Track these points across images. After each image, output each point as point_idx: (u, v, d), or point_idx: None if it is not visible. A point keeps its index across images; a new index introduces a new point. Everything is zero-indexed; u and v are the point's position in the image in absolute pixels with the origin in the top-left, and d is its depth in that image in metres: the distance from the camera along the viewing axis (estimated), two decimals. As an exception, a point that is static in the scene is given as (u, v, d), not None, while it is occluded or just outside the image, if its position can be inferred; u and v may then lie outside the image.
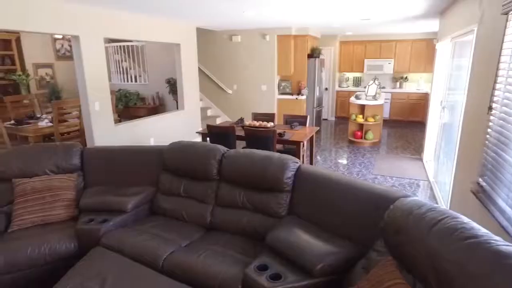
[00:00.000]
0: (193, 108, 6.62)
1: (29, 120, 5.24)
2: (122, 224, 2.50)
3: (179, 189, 2.71)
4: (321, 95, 8.02)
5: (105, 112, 4.62)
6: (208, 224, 2.51)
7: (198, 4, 4.06)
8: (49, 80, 7.35)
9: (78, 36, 4.13)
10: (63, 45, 7.63)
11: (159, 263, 2.07)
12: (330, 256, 1.70)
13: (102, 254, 2.14)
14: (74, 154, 2.93)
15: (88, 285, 1.83)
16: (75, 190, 2.79)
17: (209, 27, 6.74)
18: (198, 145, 2.74)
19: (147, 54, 7.52)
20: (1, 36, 6.30)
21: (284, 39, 6.91)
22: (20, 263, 2.20)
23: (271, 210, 2.29)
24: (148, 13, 4.80)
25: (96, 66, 4.40)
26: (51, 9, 3.74)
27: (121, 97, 7.30)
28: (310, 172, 2.28)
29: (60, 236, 2.36)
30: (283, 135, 4.02)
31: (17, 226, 2.48)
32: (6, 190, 2.66)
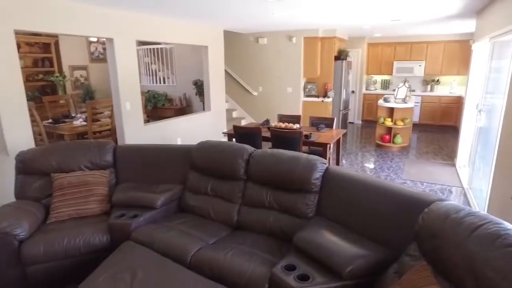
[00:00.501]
0: (219, 109, 6.71)
1: (65, 119, 5.51)
2: (152, 220, 2.57)
3: (206, 188, 2.75)
4: (348, 98, 7.88)
5: (135, 112, 4.77)
6: (234, 223, 2.53)
7: (228, 7, 4.13)
8: (83, 82, 7.71)
9: (112, 38, 4.30)
10: (97, 48, 7.97)
11: (187, 259, 2.10)
12: (359, 258, 1.66)
13: (133, 248, 2.21)
14: (107, 151, 3.04)
15: (120, 277, 1.89)
16: (107, 186, 2.90)
17: (236, 29, 6.82)
18: (225, 145, 2.78)
19: (175, 56, 7.71)
20: (42, 40, 6.67)
21: (311, 41, 6.86)
22: (57, 253, 2.31)
23: (298, 210, 2.27)
24: (178, 16, 4.92)
25: (128, 67, 4.56)
26: (89, 13, 3.92)
27: (150, 98, 7.52)
28: (339, 173, 2.24)
29: (93, 230, 2.46)
30: (309, 137, 3.99)
31: (54, 218, 2.61)
32: (46, 184, 2.80)
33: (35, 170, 2.83)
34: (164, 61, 7.89)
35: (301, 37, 6.87)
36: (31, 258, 2.26)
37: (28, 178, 2.82)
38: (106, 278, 1.88)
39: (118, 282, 1.84)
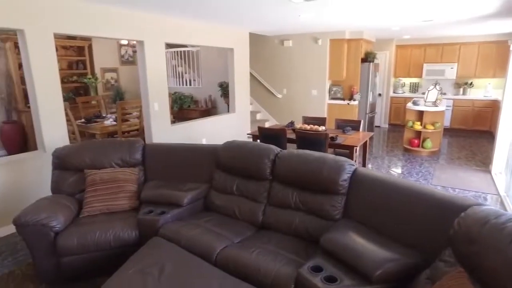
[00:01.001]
0: (244, 111, 6.75)
1: (96, 119, 5.74)
2: (178, 217, 2.62)
3: (232, 187, 2.77)
4: (374, 101, 7.71)
5: (163, 112, 4.89)
6: (259, 223, 2.53)
7: (255, 10, 4.16)
8: (114, 83, 8.00)
9: (143, 41, 4.45)
10: (127, 51, 8.26)
11: (213, 256, 2.13)
12: (389, 262, 1.61)
13: (161, 243, 2.26)
14: (136, 150, 3.14)
15: (148, 271, 1.93)
16: (136, 183, 2.99)
17: (261, 32, 6.86)
18: (251, 145, 2.79)
19: (201, 58, 7.85)
20: (77, 43, 7.00)
21: (337, 43, 6.78)
22: (89, 245, 2.40)
23: (325, 212, 2.24)
24: (205, 19, 5.01)
25: (157, 69, 4.69)
26: (122, 17, 4.08)
27: (176, 100, 7.69)
28: (368, 175, 2.19)
29: (123, 225, 2.54)
30: (335, 139, 3.93)
31: (87, 212, 2.71)
32: (79, 180, 2.92)
33: (70, 166, 2.96)
34: (191, 63, 8.05)
35: (327, 39, 6.81)
36: (65, 250, 2.36)
37: (64, 174, 2.95)
38: (135, 272, 1.93)
39: (146, 276, 1.88)
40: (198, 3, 3.80)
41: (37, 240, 2.34)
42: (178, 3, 3.83)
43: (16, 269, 2.66)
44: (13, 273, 2.61)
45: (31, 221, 2.30)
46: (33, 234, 2.33)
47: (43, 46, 3.36)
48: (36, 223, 2.31)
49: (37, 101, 3.39)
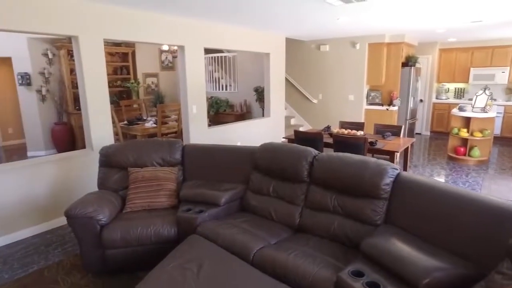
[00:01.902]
0: (278, 116, 6.75)
1: (138, 121, 6.02)
2: (215, 216, 2.66)
3: (268, 189, 2.77)
4: (415, 107, 7.39)
5: (200, 115, 5.02)
6: (296, 225, 2.50)
7: (294, 14, 4.17)
8: (154, 88, 8.35)
9: (183, 46, 4.61)
10: (167, 57, 8.61)
11: (250, 256, 2.13)
12: (438, 271, 1.52)
13: (199, 241, 2.30)
14: (176, 150, 3.24)
15: (187, 266, 1.97)
16: (176, 182, 3.08)
17: (297, 37, 6.85)
18: (289, 147, 2.77)
19: (237, 63, 7.98)
20: (122, 50, 7.41)
21: (376, 47, 6.60)
22: (132, 239, 2.50)
23: (365, 216, 2.17)
24: (243, 24, 5.10)
25: (196, 72, 4.83)
26: (164, 23, 4.26)
27: (212, 104, 7.86)
28: (413, 180, 2.09)
29: (163, 221, 2.62)
30: (374, 144, 3.80)
31: (130, 208, 2.83)
32: (123, 177, 3.06)
33: (114, 164, 3.11)
34: (227, 69, 8.22)
35: (366, 43, 6.65)
36: (110, 242, 2.48)
37: (109, 171, 3.11)
38: (175, 267, 1.98)
39: (185, 271, 1.92)
40: (238, 9, 3.88)
41: (84, 232, 2.48)
42: (218, 10, 3.94)
43: (65, 259, 2.83)
44: (62, 262, 2.78)
45: (80, 213, 2.44)
46: (81, 226, 2.47)
47: (94, 51, 3.60)
48: (84, 215, 2.45)
49: (87, 103, 3.62)
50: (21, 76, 6.22)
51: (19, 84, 6.26)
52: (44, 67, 6.39)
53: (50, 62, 6.46)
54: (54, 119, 6.63)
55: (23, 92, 6.31)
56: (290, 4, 3.69)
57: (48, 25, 3.19)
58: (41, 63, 6.35)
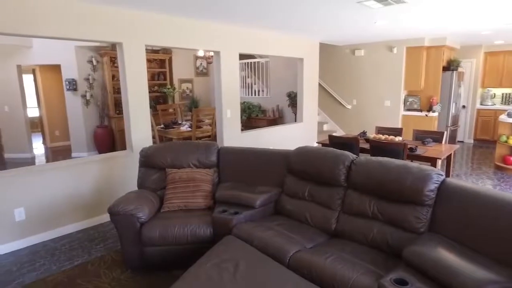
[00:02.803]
0: (311, 121, 6.69)
1: (174, 125, 6.21)
2: (250, 219, 2.66)
3: (303, 193, 2.74)
4: (457, 113, 7.02)
5: (234, 119, 5.09)
6: (332, 230, 2.45)
7: (330, 18, 4.14)
8: (189, 93, 8.60)
9: (219, 51, 4.72)
10: (202, 64, 8.85)
11: (285, 259, 2.11)
12: (493, 284, 1.42)
13: (235, 242, 2.31)
14: (212, 152, 3.30)
15: (224, 266, 1.99)
16: (211, 184, 3.13)
17: (331, 42, 6.78)
18: (325, 151, 2.73)
19: (270, 69, 8.03)
20: (159, 57, 7.72)
21: (415, 51, 6.37)
22: (169, 238, 2.57)
23: (407, 224, 2.08)
24: (278, 29, 5.14)
25: (230, 77, 4.92)
26: (201, 29, 4.39)
27: (245, 109, 7.94)
28: (460, 186, 1.98)
29: (199, 222, 2.67)
30: (414, 150, 3.65)
31: (167, 207, 2.92)
32: (161, 177, 3.17)
33: (153, 165, 3.23)
34: (259, 74, 8.29)
35: (403, 46, 6.45)
36: (148, 240, 2.56)
37: (148, 171, 3.23)
38: (212, 265, 2.00)
39: (222, 270, 1.94)
40: (273, 15, 3.92)
41: (125, 228, 2.58)
42: (253, 16, 4.00)
43: (106, 254, 2.96)
44: (104, 257, 2.91)
45: (122, 210, 2.55)
46: (122, 223, 2.57)
47: (136, 56, 3.78)
48: (126, 213, 2.55)
49: (129, 106, 3.79)
50: (68, 82, 6.66)
51: (66, 89, 6.70)
52: (89, 74, 6.79)
53: (94, 68, 6.86)
54: (96, 123, 7.01)
55: (69, 97, 6.75)
56: (326, 8, 3.67)
57: (96, 33, 3.40)
58: (86, 69, 6.76)
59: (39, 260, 2.88)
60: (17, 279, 2.61)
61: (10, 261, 2.87)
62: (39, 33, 3.04)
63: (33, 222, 3.20)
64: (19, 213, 3.10)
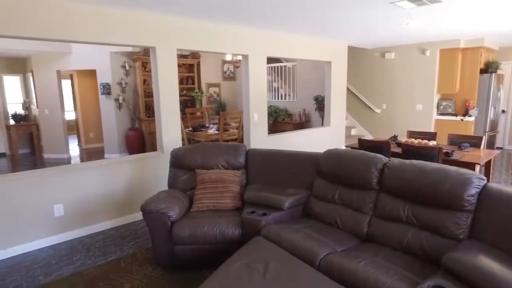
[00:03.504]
0: (339, 125, 6.59)
1: (201, 128, 6.32)
2: (279, 220, 2.65)
3: (333, 196, 2.69)
4: (496, 118, 6.66)
5: (261, 122, 5.11)
6: (364, 235, 2.39)
7: (360, 20, 4.07)
8: (216, 97, 8.74)
9: (247, 55, 4.77)
10: (229, 68, 8.97)
11: (316, 261, 2.07)
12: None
13: (264, 243, 2.31)
14: (240, 154, 3.32)
15: (253, 266, 1.98)
16: (239, 185, 3.15)
17: (360, 45, 6.67)
18: (356, 153, 2.68)
19: (297, 73, 8.00)
20: (188, 61, 7.91)
21: (449, 53, 6.13)
22: (198, 237, 2.61)
23: (445, 230, 1.99)
24: (305, 33, 5.12)
25: (258, 80, 4.96)
26: (229, 33, 4.46)
27: (271, 113, 7.95)
28: (503, 192, 1.87)
29: (228, 222, 2.68)
30: (450, 155, 3.49)
31: (196, 207, 2.96)
32: (191, 178, 3.22)
33: (183, 165, 3.29)
34: (286, 78, 8.28)
35: (437, 49, 6.22)
36: (179, 238, 2.61)
37: (178, 172, 3.30)
38: (241, 265, 2.00)
39: (252, 271, 1.93)
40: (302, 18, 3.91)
41: (157, 226, 2.65)
42: (282, 19, 4.01)
43: (138, 251, 3.05)
44: (135, 254, 2.99)
45: (153, 209, 2.62)
46: (154, 221, 2.64)
47: (168, 60, 3.89)
48: (158, 211, 2.62)
49: (160, 109, 3.91)
50: (103, 86, 6.96)
51: (101, 93, 7.01)
52: (122, 78, 7.07)
53: (127, 73, 7.14)
54: (127, 125, 7.28)
55: (103, 101, 7.05)
56: (356, 10, 3.62)
57: (132, 38, 3.55)
58: (120, 74, 7.05)
59: (76, 255, 3.01)
60: (56, 271, 2.74)
61: (50, 254, 3.03)
62: (81, 38, 3.22)
63: (70, 218, 3.35)
64: (58, 209, 3.26)
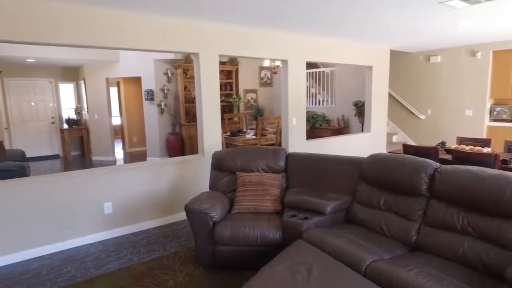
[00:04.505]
0: (380, 131, 6.38)
1: (239, 133, 6.41)
2: (320, 225, 2.60)
3: (378, 201, 2.59)
4: (558, 124, 6.06)
5: (300, 127, 5.08)
6: (412, 243, 2.27)
7: (405, 22, 3.93)
8: (253, 103, 8.83)
9: (286, 60, 4.78)
10: (266, 74, 9.04)
11: (361, 267, 2.00)
12: None
13: (306, 247, 2.27)
14: (281, 157, 3.32)
15: (297, 269, 1.96)
16: (279, 188, 3.14)
17: (404, 48, 6.43)
18: (404, 158, 2.57)
19: (335, 78, 7.88)
20: (227, 68, 8.09)
21: (503, 55, 5.72)
22: (239, 238, 2.63)
23: (507, 240, 1.83)
24: (346, 37, 5.04)
25: (297, 85, 4.94)
26: (270, 39, 4.51)
27: (309, 119, 7.88)
28: None
29: (268, 224, 2.68)
30: (509, 162, 3.24)
31: (237, 209, 2.99)
32: (231, 180, 3.27)
33: (224, 168, 3.35)
34: (323, 84, 8.18)
35: (489, 50, 5.84)
36: (220, 239, 2.64)
37: (219, 174, 3.36)
38: (284, 267, 1.99)
39: (295, 274, 1.91)
40: (343, 22, 3.86)
41: (199, 226, 2.71)
42: (322, 23, 3.98)
43: (180, 251, 3.13)
44: (178, 253, 3.08)
45: (197, 208, 2.69)
46: (197, 220, 2.70)
47: (211, 66, 4.01)
48: (201, 211, 2.68)
49: (202, 113, 4.03)
50: (146, 92, 7.32)
51: (145, 99, 7.37)
52: (164, 84, 7.39)
53: (169, 80, 7.45)
54: (168, 130, 7.56)
55: (147, 106, 7.40)
56: (401, 12, 3.50)
57: (178, 44, 3.71)
58: (162, 81, 7.36)
59: (122, 251, 3.16)
60: (105, 265, 2.89)
61: (99, 249, 3.20)
62: (132, 46, 3.42)
63: (118, 216, 3.53)
64: (108, 207, 3.45)
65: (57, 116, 8.50)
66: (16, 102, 7.92)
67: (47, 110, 8.38)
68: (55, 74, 8.38)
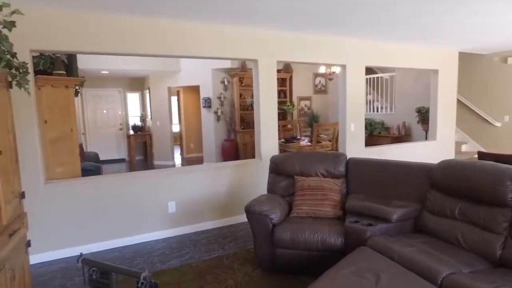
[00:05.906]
0: (446, 140, 5.90)
1: (293, 140, 6.38)
2: (386, 233, 2.46)
3: (453, 211, 2.39)
4: None
5: (358, 133, 4.90)
6: (497, 258, 2.04)
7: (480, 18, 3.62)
8: (306, 110, 8.76)
9: (345, 65, 4.68)
10: (320, 81, 8.93)
11: (437, 279, 1.85)
12: None
13: (372, 253, 2.17)
14: (340, 162, 3.23)
15: (363, 275, 1.87)
16: (340, 194, 3.05)
17: (474, 50, 5.92)
18: (482, 164, 2.34)
19: (395, 84, 7.50)
20: (281, 76, 8.15)
21: None
22: (300, 242, 2.59)
23: None
24: (407, 40, 4.79)
25: (356, 90, 4.79)
26: (328, 44, 4.45)
27: (367, 126, 7.57)
28: None
29: (329, 230, 2.61)
30: None
31: (296, 213, 2.97)
32: (289, 184, 3.25)
33: (282, 172, 3.35)
34: (381, 90, 7.83)
35: None
36: (280, 241, 2.64)
37: (277, 177, 3.37)
38: (350, 273, 1.91)
39: (362, 280, 1.83)
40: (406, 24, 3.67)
41: (259, 227, 2.73)
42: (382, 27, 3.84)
43: (238, 251, 3.18)
44: (237, 254, 3.13)
45: (257, 210, 2.72)
46: (257, 222, 2.73)
47: (269, 72, 4.08)
48: (261, 212, 2.70)
49: (260, 118, 4.10)
50: (204, 100, 7.66)
51: (202, 107, 7.72)
52: (221, 92, 7.67)
53: (225, 88, 7.72)
54: (224, 136, 7.80)
55: (204, 114, 7.74)
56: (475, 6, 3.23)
57: (238, 52, 3.85)
58: (219, 89, 7.66)
59: (184, 249, 3.30)
60: (169, 261, 3.05)
61: (163, 246, 3.39)
62: (196, 54, 3.64)
63: (181, 215, 3.70)
64: (172, 206, 3.64)
65: (125, 123, 9.27)
66: (91, 110, 8.82)
67: (116, 118, 9.19)
68: (123, 84, 9.18)
